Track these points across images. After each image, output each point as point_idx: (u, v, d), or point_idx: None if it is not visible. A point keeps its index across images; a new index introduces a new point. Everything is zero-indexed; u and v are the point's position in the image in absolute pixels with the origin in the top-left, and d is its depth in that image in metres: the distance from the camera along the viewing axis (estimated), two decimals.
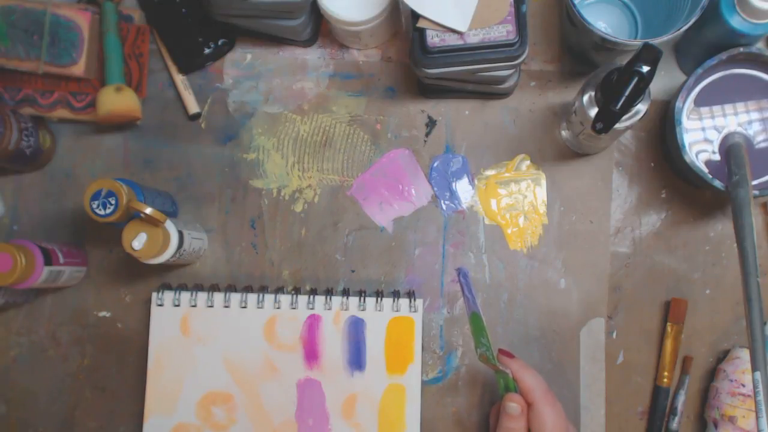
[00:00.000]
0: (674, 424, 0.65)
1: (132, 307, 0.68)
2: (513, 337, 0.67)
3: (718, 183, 0.60)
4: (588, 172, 0.68)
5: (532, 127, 0.68)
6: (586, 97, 0.57)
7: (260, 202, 0.69)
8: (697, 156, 0.63)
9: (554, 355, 0.66)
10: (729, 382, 0.63)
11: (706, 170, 0.61)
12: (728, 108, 0.63)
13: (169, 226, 0.60)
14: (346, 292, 0.66)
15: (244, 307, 0.65)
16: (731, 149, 0.61)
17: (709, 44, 0.62)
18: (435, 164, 0.68)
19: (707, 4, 0.56)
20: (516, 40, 0.57)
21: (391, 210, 0.68)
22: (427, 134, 0.69)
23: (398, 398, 0.65)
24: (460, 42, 0.58)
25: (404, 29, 0.70)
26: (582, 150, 0.67)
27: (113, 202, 0.57)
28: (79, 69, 0.66)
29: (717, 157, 0.63)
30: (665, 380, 0.65)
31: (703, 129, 0.63)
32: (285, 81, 0.70)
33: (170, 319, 0.65)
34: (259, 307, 0.65)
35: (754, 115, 0.63)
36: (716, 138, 0.63)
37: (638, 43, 0.56)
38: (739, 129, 0.62)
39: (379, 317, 0.65)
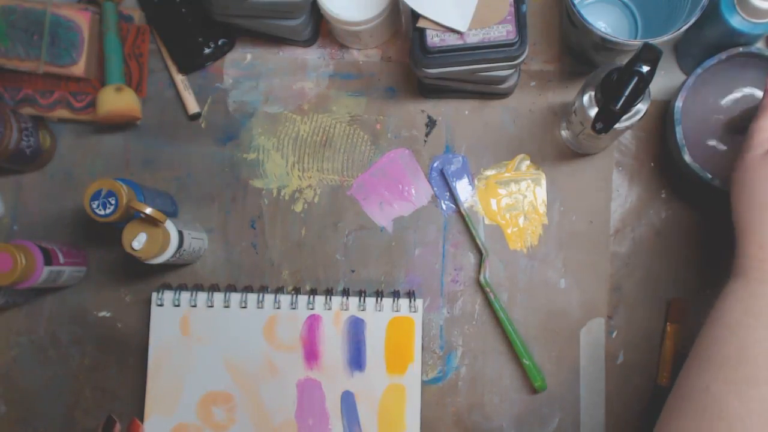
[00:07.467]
0: None
1: (132, 307, 0.68)
2: None
3: (718, 183, 0.60)
4: (588, 172, 0.68)
5: (532, 127, 0.68)
6: (586, 97, 0.57)
7: (260, 202, 0.69)
8: None
9: (554, 355, 0.66)
10: None
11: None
12: None
13: (169, 226, 0.60)
14: (346, 292, 0.66)
15: (244, 307, 0.65)
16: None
17: (709, 44, 0.62)
18: (435, 164, 0.68)
19: (707, 4, 0.56)
20: (516, 40, 0.57)
21: (391, 210, 0.68)
22: (427, 134, 0.69)
23: (398, 398, 0.65)
24: (460, 42, 0.58)
25: (404, 29, 0.70)
26: (582, 150, 0.67)
27: (113, 202, 0.57)
28: (79, 69, 0.66)
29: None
30: (665, 380, 0.65)
31: None
32: (285, 81, 0.70)
33: (170, 319, 0.65)
34: (258, 307, 0.65)
35: None
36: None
37: (638, 43, 0.56)
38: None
39: (379, 317, 0.65)
